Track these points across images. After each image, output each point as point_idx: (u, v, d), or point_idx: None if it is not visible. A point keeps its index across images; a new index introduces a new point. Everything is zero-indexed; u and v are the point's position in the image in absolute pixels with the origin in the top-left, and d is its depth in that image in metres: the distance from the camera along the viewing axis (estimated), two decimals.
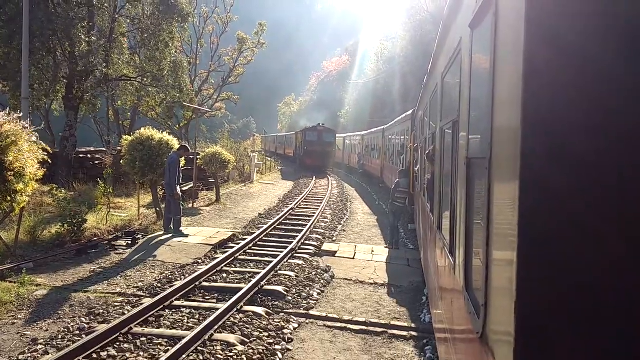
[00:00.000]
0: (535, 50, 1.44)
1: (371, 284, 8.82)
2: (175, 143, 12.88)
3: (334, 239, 12.83)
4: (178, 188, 11.59)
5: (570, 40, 1.43)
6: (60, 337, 5.88)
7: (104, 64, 19.66)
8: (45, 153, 7.24)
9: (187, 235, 11.52)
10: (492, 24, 1.89)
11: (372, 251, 11.35)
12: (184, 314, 6.67)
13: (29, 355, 5.41)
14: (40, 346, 5.61)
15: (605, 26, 1.40)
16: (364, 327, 6.70)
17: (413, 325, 6.87)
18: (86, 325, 6.21)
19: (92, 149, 23.55)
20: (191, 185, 17.21)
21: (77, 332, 6.01)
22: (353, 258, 10.59)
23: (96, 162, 20.04)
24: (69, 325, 6.23)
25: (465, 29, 2.58)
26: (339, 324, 6.78)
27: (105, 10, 20.00)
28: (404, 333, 6.57)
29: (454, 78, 3.29)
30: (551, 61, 1.43)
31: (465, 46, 2.68)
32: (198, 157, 18.19)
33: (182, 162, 12.12)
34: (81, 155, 20.46)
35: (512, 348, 1.48)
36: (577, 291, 1.44)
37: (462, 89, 2.82)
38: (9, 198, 6.53)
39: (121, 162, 13.70)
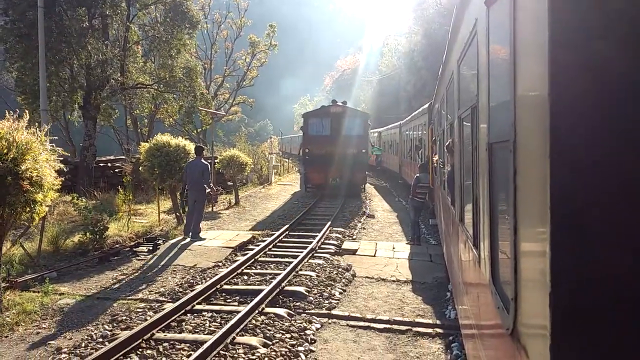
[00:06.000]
0: (562, 17, 1.30)
1: (393, 281, 8.67)
2: (191, 147, 12.94)
3: (354, 237, 12.70)
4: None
5: (602, 6, 1.29)
6: (83, 345, 5.88)
7: (119, 73, 19.87)
8: (61, 160, 7.25)
9: (204, 239, 11.54)
10: None
11: (394, 248, 11.18)
12: (205, 318, 6.63)
13: None
14: (64, 355, 5.62)
15: None
16: (387, 326, 6.56)
17: (438, 322, 6.71)
18: (109, 333, 6.21)
19: (112, 157, 23.86)
20: (209, 190, 17.28)
21: (100, 340, 6.00)
22: (374, 256, 10.45)
23: (116, 170, 20.29)
24: (93, 333, 6.24)
25: (481, 7, 2.45)
26: (362, 323, 6.65)
27: (118, 19, 20.20)
28: (429, 330, 6.42)
29: (471, 62, 3.15)
30: (580, 28, 1.29)
31: (482, 27, 2.54)
32: (216, 161, 18.25)
33: None
34: (101, 164, 20.74)
35: (547, 344, 1.36)
36: (616, 279, 1.31)
37: (480, 71, 2.68)
38: (28, 209, 6.56)
39: (140, 169, 13.81)
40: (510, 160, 1.78)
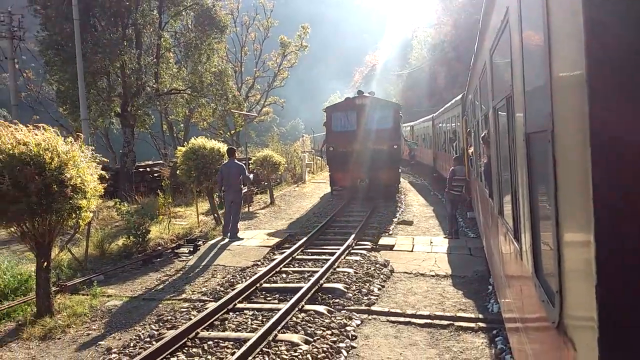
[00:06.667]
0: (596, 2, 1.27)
1: (432, 275, 8.59)
2: (225, 149, 13.17)
3: (390, 232, 12.62)
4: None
5: None
6: (132, 345, 6.09)
7: (154, 80, 20.37)
8: (101, 166, 7.52)
9: (242, 239, 11.71)
10: None
11: (431, 242, 11.06)
12: (247, 316, 6.75)
13: None
14: (114, 355, 5.84)
15: None
16: (428, 321, 6.51)
17: (480, 316, 6.61)
18: (156, 332, 6.41)
19: (150, 162, 24.51)
20: (245, 190, 17.54)
21: (148, 339, 6.20)
22: (412, 251, 10.36)
23: (155, 174, 20.85)
24: (140, 333, 6.45)
25: None
26: (402, 319, 6.62)
27: (151, 27, 20.69)
28: (472, 324, 6.33)
29: (504, 52, 3.09)
30: (616, 10, 1.26)
31: (514, 15, 2.49)
32: (250, 161, 18.49)
33: None
34: (141, 169, 21.35)
35: (595, 337, 1.33)
36: None
37: (514, 61, 2.63)
38: (74, 215, 6.83)
39: (177, 172, 14.15)
40: (550, 150, 1.74)
